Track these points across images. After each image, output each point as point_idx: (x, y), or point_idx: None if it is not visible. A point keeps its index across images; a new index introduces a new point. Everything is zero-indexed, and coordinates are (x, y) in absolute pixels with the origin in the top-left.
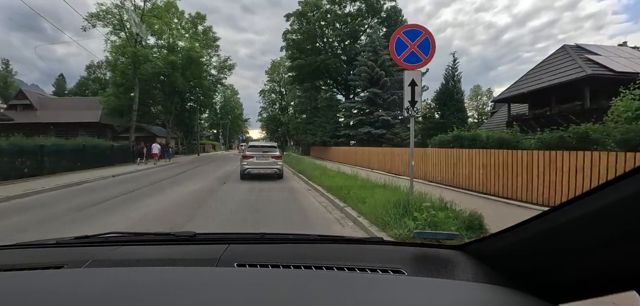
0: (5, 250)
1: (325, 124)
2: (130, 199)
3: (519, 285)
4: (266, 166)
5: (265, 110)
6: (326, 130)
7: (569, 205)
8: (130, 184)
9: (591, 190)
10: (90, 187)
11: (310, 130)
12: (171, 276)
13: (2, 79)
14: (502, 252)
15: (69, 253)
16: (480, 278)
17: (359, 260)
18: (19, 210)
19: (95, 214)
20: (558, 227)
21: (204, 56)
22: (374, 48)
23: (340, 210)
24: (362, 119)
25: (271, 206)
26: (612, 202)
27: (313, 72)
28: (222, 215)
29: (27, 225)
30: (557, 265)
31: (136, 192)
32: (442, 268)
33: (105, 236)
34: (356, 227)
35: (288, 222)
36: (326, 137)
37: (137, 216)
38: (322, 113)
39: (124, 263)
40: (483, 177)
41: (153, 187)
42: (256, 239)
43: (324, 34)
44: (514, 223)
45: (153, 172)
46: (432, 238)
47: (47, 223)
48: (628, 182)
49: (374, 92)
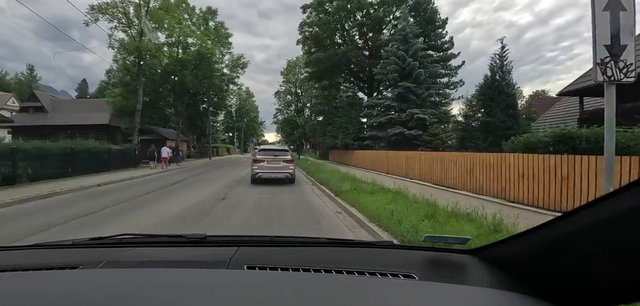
0: (25, 251)
1: (346, 125)
2: (80, 226)
3: (534, 291)
4: (277, 170)
5: (281, 112)
6: (348, 132)
7: (586, 209)
8: (105, 198)
9: (609, 194)
10: (55, 202)
11: (330, 132)
12: (182, 278)
13: (26, 84)
14: (516, 258)
15: (83, 254)
16: (493, 284)
17: (368, 264)
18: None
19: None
20: (574, 231)
21: (215, 54)
22: (404, 37)
23: None
24: (392, 118)
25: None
26: (632, 207)
27: (333, 67)
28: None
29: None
30: (572, 271)
31: (102, 211)
32: (454, 273)
33: (119, 237)
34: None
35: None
36: (348, 139)
37: None
38: (342, 113)
39: (137, 264)
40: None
41: (130, 203)
42: (266, 242)
43: (343, 26)
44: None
45: (151, 179)
46: (443, 242)
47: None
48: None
49: (405, 86)
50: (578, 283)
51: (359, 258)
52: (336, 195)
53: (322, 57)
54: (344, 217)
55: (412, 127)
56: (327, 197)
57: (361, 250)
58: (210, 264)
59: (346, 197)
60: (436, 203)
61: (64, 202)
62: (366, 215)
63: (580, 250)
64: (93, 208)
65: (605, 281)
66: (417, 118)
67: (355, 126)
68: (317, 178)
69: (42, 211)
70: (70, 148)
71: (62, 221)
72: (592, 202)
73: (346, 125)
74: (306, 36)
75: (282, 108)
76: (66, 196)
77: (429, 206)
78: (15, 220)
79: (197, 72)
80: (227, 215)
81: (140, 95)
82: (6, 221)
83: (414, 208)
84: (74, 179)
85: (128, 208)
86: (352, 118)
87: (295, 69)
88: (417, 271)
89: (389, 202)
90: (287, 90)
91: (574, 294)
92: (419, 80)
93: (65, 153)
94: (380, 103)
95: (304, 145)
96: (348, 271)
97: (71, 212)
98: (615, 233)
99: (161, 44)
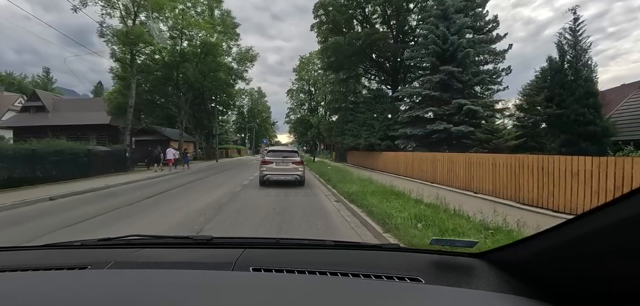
0: (36, 251)
1: (371, 122)
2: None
3: (544, 295)
4: (286, 172)
5: (293, 111)
6: (374, 130)
7: (599, 211)
8: (38, 223)
9: (623, 196)
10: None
11: (350, 131)
12: (189, 280)
13: (42, 86)
14: (525, 261)
15: (92, 254)
16: (501, 288)
17: (374, 267)
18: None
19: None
20: (586, 235)
21: (221, 46)
22: (443, 12)
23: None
24: (434, 111)
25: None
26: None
27: (352, 55)
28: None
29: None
30: (586, 274)
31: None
32: (462, 276)
33: (127, 239)
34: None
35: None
36: (374, 139)
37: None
38: (365, 109)
39: (144, 265)
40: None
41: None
42: (272, 244)
43: (363, 9)
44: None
45: (135, 187)
46: (449, 245)
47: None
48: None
49: (448, 71)
50: (592, 286)
51: (365, 261)
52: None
53: (341, 42)
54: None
55: (460, 121)
56: (369, 231)
57: (367, 252)
58: (217, 266)
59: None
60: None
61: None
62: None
63: (595, 253)
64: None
65: (622, 284)
66: (467, 111)
67: (382, 123)
68: (344, 192)
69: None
70: (31, 150)
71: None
72: (608, 203)
73: (371, 123)
74: (322, 20)
75: (295, 107)
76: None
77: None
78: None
79: (201, 67)
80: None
81: (132, 90)
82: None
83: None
84: (41, 188)
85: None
86: (379, 114)
87: (308, 66)
88: (424, 274)
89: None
90: (300, 88)
91: (587, 298)
92: (465, 63)
93: (19, 156)
94: (416, 93)
95: (318, 146)
96: (354, 274)
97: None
98: (633, 235)
99: (163, 34)
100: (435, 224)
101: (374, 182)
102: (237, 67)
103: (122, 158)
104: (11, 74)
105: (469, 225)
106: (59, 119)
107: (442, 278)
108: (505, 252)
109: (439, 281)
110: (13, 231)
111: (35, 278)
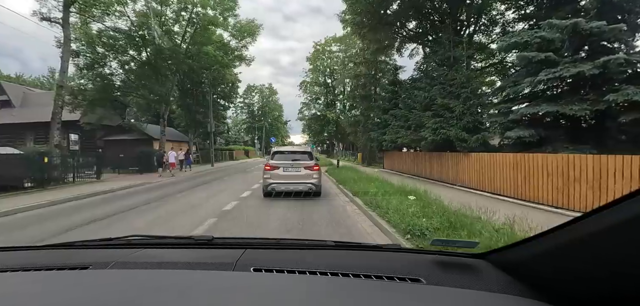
0: (38, 251)
1: (441, 110)
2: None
3: (545, 296)
4: (297, 180)
5: (307, 106)
6: (451, 116)
7: (605, 210)
8: None
9: (630, 194)
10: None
11: (390, 124)
12: (190, 280)
13: (47, 86)
14: (528, 262)
15: (94, 254)
16: (504, 289)
17: (375, 267)
18: None
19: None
20: (589, 235)
21: (214, 16)
22: None
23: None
24: (565, 78)
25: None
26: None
27: (394, 13)
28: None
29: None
30: (586, 276)
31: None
32: (463, 277)
33: (128, 239)
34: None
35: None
36: (455, 129)
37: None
38: (424, 83)
39: (145, 265)
40: None
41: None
42: (272, 244)
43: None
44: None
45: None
46: (451, 245)
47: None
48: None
49: (585, 8)
50: (594, 287)
51: (366, 262)
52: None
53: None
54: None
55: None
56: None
57: (368, 253)
58: (218, 266)
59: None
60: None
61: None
62: None
63: (602, 253)
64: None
65: (626, 285)
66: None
67: (466, 107)
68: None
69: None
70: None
71: None
72: (615, 201)
73: (441, 111)
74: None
75: (309, 102)
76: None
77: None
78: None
79: (191, 47)
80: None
81: (65, 61)
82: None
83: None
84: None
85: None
86: (457, 90)
87: (324, 54)
88: (425, 275)
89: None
90: (314, 79)
91: (589, 299)
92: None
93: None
94: (534, 42)
95: (335, 146)
96: (354, 274)
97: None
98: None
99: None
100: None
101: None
102: (236, 45)
103: (41, 167)
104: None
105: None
106: (26, 115)
107: (444, 278)
108: (507, 253)
109: (439, 281)
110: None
111: (36, 278)
